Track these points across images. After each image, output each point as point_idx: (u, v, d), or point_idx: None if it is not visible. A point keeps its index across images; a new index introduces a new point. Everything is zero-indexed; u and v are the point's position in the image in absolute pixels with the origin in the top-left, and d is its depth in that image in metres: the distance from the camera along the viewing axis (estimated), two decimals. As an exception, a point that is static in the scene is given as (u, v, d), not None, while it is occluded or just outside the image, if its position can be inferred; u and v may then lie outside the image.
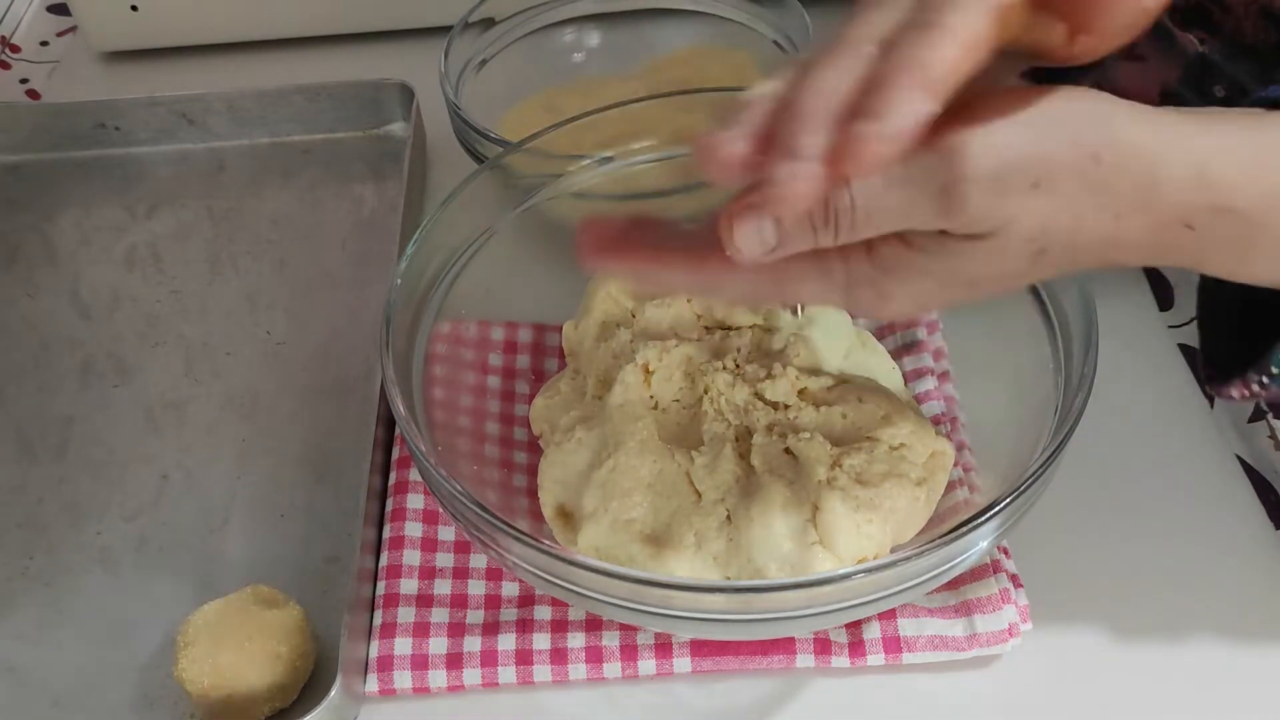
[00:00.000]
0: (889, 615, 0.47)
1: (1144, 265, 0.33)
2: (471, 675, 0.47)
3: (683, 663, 0.47)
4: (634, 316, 0.53)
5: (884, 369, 0.53)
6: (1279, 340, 0.38)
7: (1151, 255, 0.34)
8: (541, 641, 0.47)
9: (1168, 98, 0.45)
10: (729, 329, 0.53)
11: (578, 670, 0.47)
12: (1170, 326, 0.60)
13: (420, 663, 0.47)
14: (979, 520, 0.40)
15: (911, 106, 0.29)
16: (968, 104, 0.32)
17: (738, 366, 0.51)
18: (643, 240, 0.37)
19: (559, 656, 0.47)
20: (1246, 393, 0.40)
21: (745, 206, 0.33)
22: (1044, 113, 0.32)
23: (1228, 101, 0.48)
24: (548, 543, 0.41)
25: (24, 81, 0.82)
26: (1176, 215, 0.33)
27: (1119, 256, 0.34)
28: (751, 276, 0.35)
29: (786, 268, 0.34)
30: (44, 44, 0.86)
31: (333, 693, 0.44)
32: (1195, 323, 0.44)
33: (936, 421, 0.52)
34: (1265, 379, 0.39)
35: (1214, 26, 0.49)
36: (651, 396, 0.50)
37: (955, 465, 0.49)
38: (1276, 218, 0.33)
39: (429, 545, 0.51)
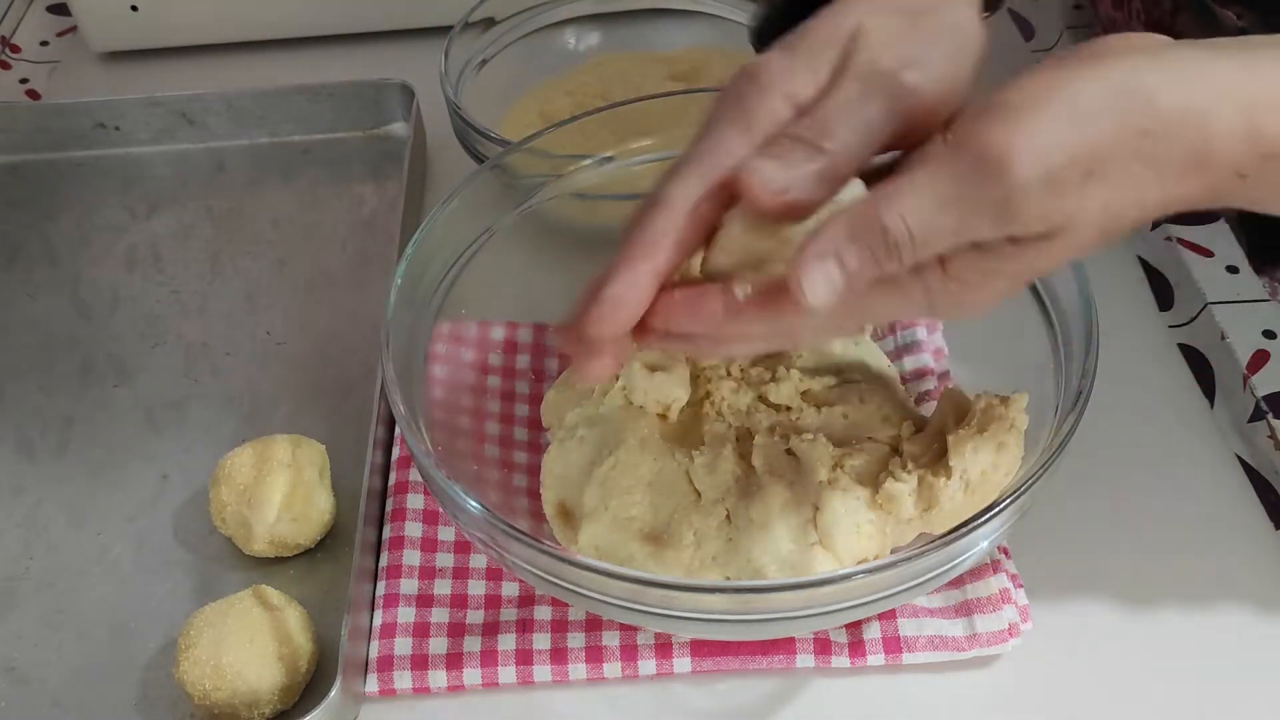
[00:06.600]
0: (889, 615, 0.47)
1: (1200, 209, 0.34)
2: (471, 675, 0.47)
3: (683, 663, 0.47)
4: None
5: (879, 368, 0.53)
6: None
7: (1207, 203, 0.35)
8: (541, 641, 0.47)
9: None
10: None
11: (578, 670, 0.47)
12: (1170, 326, 0.60)
13: (420, 663, 0.47)
14: (979, 520, 0.40)
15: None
16: (997, 90, 0.32)
17: (742, 372, 0.50)
18: (695, 302, 0.37)
19: (559, 656, 0.47)
20: None
21: (807, 257, 0.34)
22: (1081, 98, 0.31)
23: None
24: (548, 543, 0.41)
25: (24, 81, 0.82)
26: (1230, 169, 0.33)
27: (1178, 208, 0.34)
28: (830, 311, 0.35)
29: (863, 295, 0.35)
30: (44, 44, 0.86)
31: (333, 693, 0.44)
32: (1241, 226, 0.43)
33: (936, 421, 0.52)
34: None
35: (1250, 0, 0.49)
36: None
37: (955, 465, 0.49)
38: None
39: (429, 545, 0.51)
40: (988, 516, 0.40)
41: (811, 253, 0.34)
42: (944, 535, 0.40)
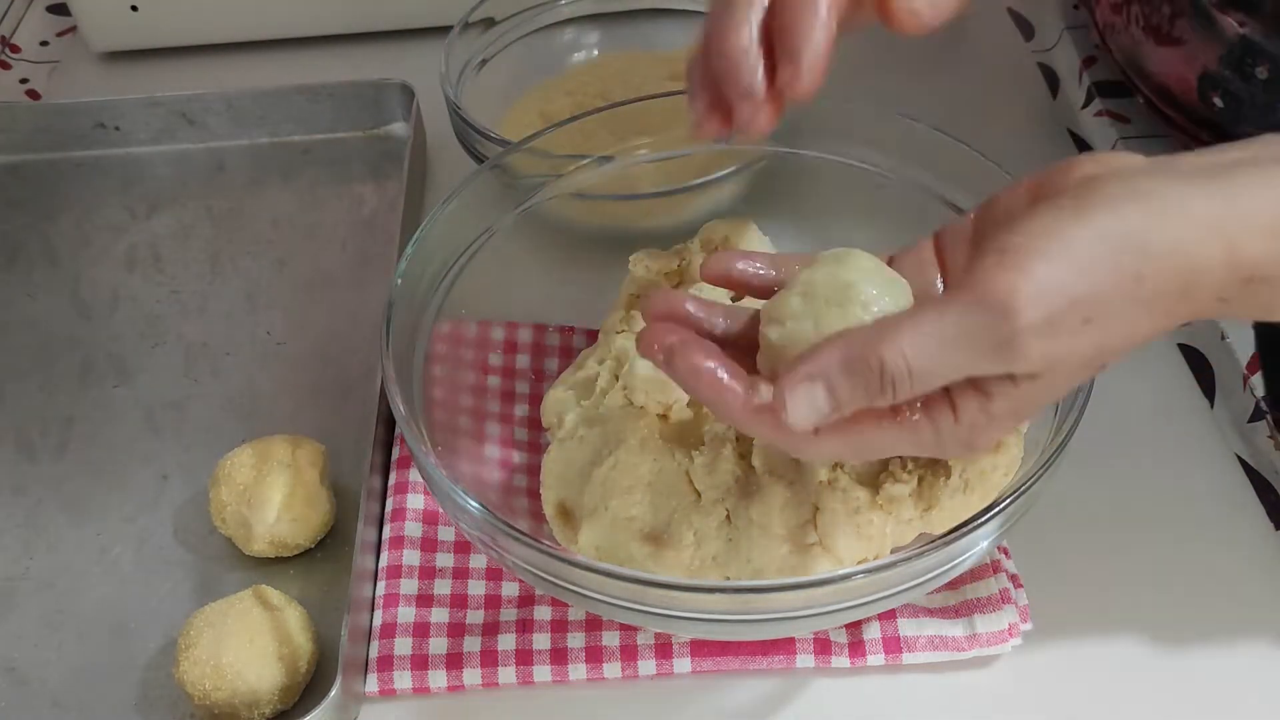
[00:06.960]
0: (889, 615, 0.47)
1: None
2: (471, 675, 0.47)
3: (683, 663, 0.47)
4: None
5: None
6: None
7: (1187, 321, 0.36)
8: (541, 641, 0.47)
9: (1208, 80, 0.45)
10: None
11: (578, 670, 0.47)
12: (1170, 326, 0.60)
13: (420, 663, 0.47)
14: (979, 520, 0.40)
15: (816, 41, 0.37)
16: (1000, 234, 0.33)
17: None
18: (721, 389, 0.36)
19: (559, 656, 0.47)
20: None
21: (796, 376, 0.33)
22: (1080, 244, 0.32)
23: (1271, 83, 0.48)
24: (548, 543, 0.41)
25: (24, 81, 0.82)
26: (1213, 296, 0.34)
27: (1162, 336, 0.36)
28: (832, 439, 0.35)
29: (867, 431, 0.35)
30: (44, 44, 0.86)
31: (333, 693, 0.44)
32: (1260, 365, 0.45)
33: (936, 421, 0.52)
34: None
35: (1254, 7, 0.49)
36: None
37: (955, 465, 0.49)
38: None
39: (429, 545, 0.51)
40: (988, 516, 0.40)
41: (802, 373, 0.33)
42: (944, 535, 0.40)
